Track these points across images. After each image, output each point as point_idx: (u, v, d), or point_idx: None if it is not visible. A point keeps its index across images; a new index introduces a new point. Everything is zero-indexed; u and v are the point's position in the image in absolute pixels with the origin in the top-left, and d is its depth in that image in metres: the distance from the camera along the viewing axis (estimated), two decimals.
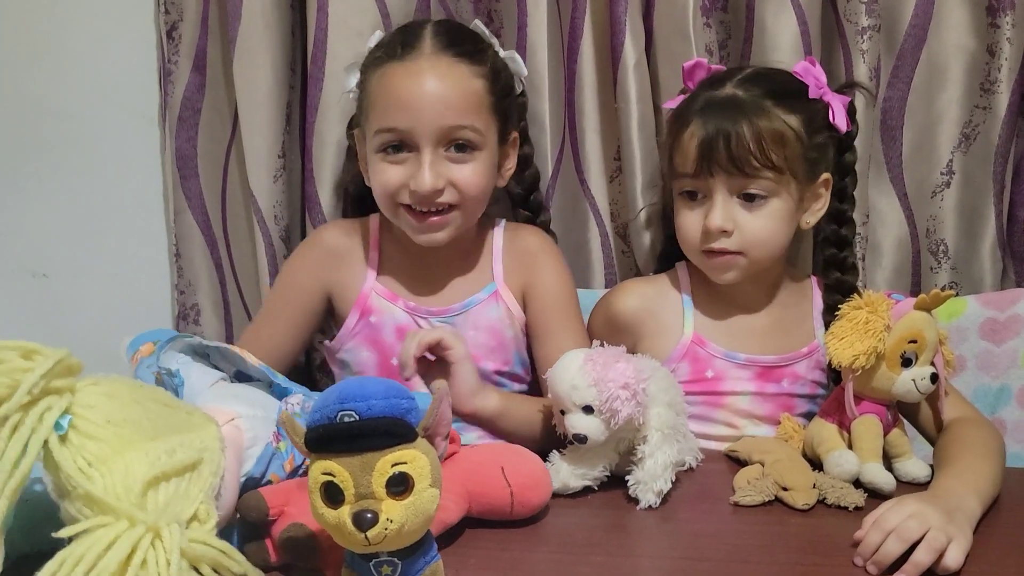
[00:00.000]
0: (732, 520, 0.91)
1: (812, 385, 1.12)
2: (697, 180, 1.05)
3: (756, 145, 1.00)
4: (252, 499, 0.75)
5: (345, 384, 0.64)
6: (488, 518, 0.88)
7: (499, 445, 1.03)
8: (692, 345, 1.10)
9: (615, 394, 0.88)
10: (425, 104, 1.03)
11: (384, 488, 0.62)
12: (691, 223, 1.07)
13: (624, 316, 1.12)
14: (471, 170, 1.07)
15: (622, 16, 1.21)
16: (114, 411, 0.64)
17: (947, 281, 1.30)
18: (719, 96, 1.06)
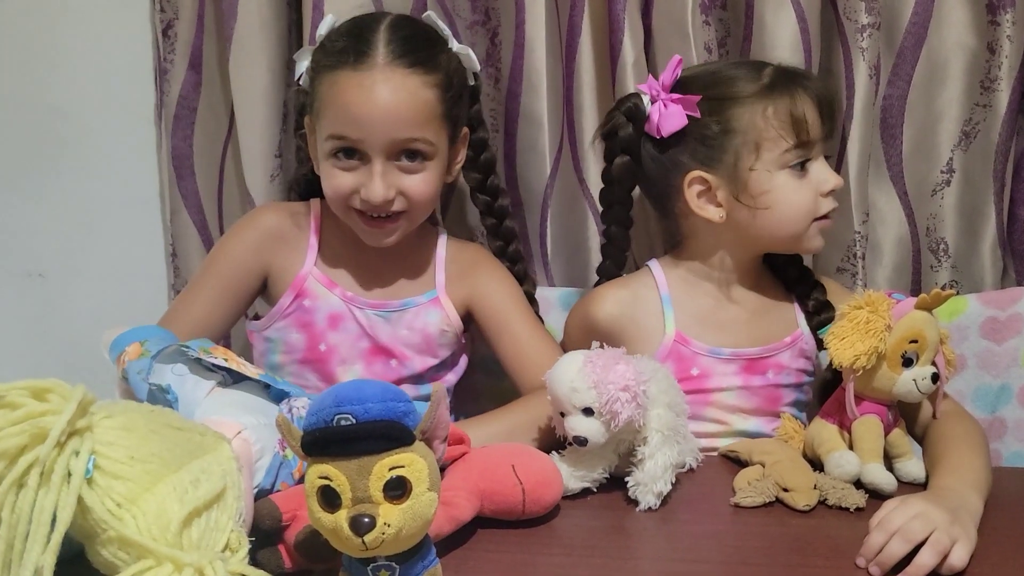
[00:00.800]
0: (732, 521, 0.90)
1: (797, 374, 1.12)
2: (807, 149, 1.04)
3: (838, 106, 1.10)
4: (265, 506, 0.75)
5: (341, 387, 0.63)
6: (500, 517, 0.87)
7: (510, 444, 1.01)
8: (675, 344, 1.09)
9: (615, 396, 0.88)
10: (376, 118, 1.03)
11: (382, 492, 0.62)
12: (808, 192, 1.06)
13: (602, 324, 1.10)
14: (421, 179, 1.07)
15: (620, 14, 1.20)
16: (135, 446, 0.63)
17: (947, 280, 1.30)
18: (786, 68, 1.08)
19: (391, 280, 1.16)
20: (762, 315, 1.12)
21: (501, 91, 1.30)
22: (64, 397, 0.60)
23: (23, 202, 1.44)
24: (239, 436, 0.76)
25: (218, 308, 1.13)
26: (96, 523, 0.60)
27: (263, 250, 1.14)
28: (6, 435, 0.58)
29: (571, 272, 1.34)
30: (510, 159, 1.31)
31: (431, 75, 1.06)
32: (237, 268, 1.14)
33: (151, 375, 0.84)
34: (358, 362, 1.14)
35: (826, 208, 1.06)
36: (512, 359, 1.14)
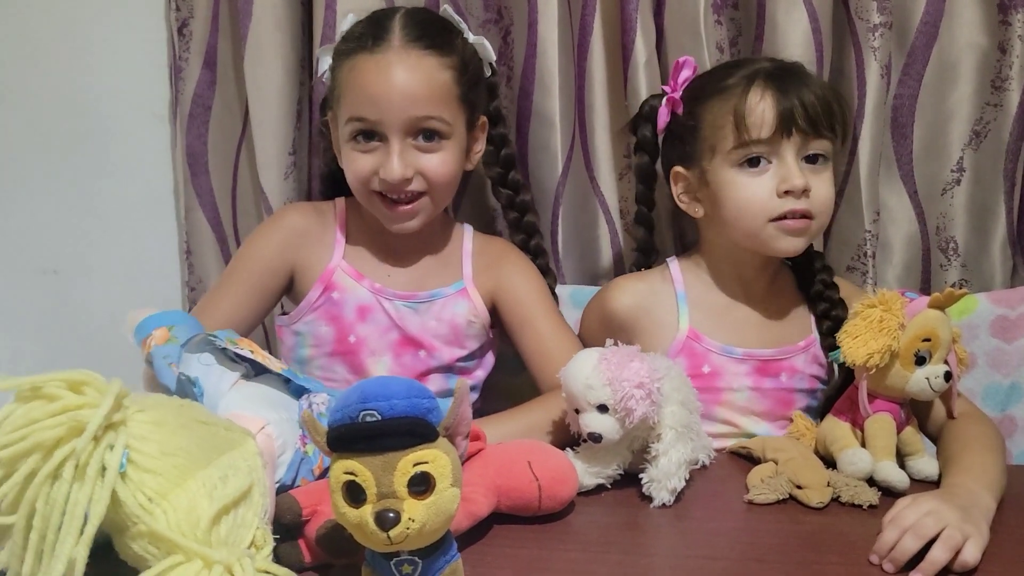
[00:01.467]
0: (746, 518, 0.91)
1: (811, 379, 1.12)
2: (770, 145, 1.02)
3: (826, 108, 1.02)
4: (285, 501, 0.76)
5: (367, 384, 0.64)
6: (516, 513, 0.88)
7: (525, 441, 1.02)
8: (688, 340, 1.09)
9: (630, 393, 0.89)
10: (394, 96, 1.05)
11: (406, 488, 0.63)
12: (759, 191, 1.03)
13: (619, 314, 1.12)
14: (439, 159, 1.09)
15: (633, 14, 1.21)
16: (166, 440, 0.63)
17: (957, 278, 1.30)
18: (776, 66, 1.06)
19: (419, 271, 1.17)
20: (777, 317, 1.12)
21: (513, 90, 1.30)
22: (100, 390, 0.61)
23: (37, 199, 1.45)
24: (263, 431, 0.77)
25: (244, 306, 1.14)
26: (127, 517, 0.61)
27: (288, 248, 1.15)
28: (43, 427, 0.59)
29: (582, 269, 1.35)
30: (522, 158, 1.31)
31: (446, 57, 1.08)
32: (263, 267, 1.15)
33: (180, 364, 0.85)
34: (387, 353, 1.15)
35: (783, 208, 1.03)
36: (533, 354, 1.15)
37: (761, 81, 1.03)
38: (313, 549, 0.77)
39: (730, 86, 1.05)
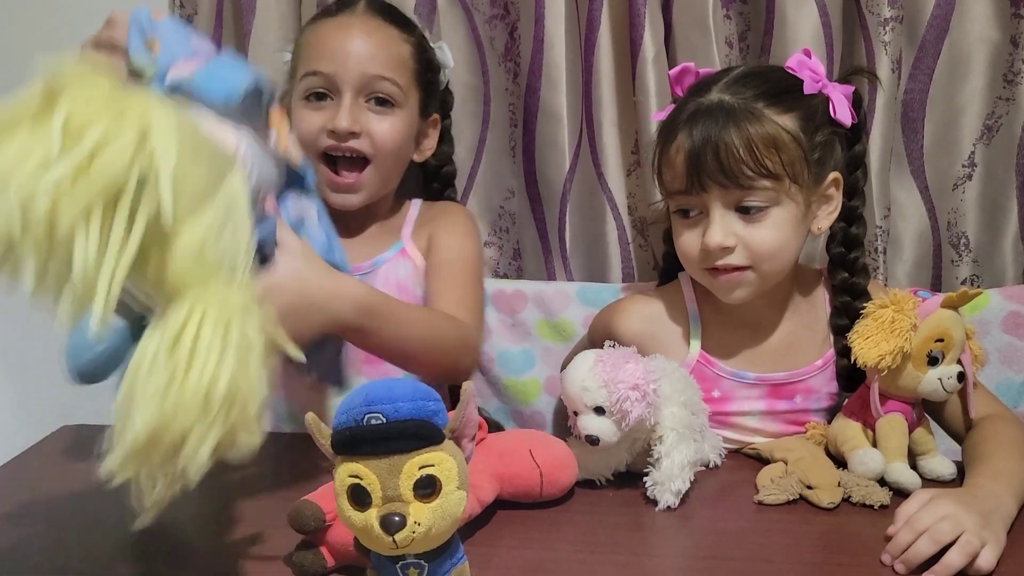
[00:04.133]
0: (756, 519, 0.90)
1: (829, 397, 1.07)
2: (690, 197, 0.98)
3: (748, 153, 0.93)
4: (307, 508, 0.75)
5: (371, 386, 0.63)
6: (519, 499, 0.90)
7: (525, 431, 1.10)
8: (698, 364, 1.06)
9: (625, 395, 0.88)
10: (351, 52, 1.09)
11: (411, 491, 0.62)
12: (690, 242, 1.00)
13: (626, 339, 1.04)
14: (389, 124, 1.11)
15: (641, 9, 1.20)
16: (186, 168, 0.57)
17: (969, 274, 1.29)
18: (705, 103, 0.97)
19: (362, 242, 1.18)
20: (794, 337, 1.07)
21: (520, 86, 1.29)
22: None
23: None
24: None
25: None
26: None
27: None
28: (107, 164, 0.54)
29: (590, 266, 1.33)
30: (529, 154, 1.30)
31: (406, 33, 1.13)
32: None
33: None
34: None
35: (709, 262, 0.99)
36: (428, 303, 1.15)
37: (685, 123, 0.97)
38: (335, 553, 0.77)
39: (668, 125, 1.01)
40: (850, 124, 1.01)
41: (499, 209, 1.37)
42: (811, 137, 0.97)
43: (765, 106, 0.96)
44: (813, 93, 1.00)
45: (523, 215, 1.35)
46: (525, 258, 1.37)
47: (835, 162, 1.02)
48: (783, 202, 0.97)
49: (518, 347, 1.30)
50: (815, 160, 0.98)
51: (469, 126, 1.34)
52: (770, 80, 1.00)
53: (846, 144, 1.04)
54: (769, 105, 0.97)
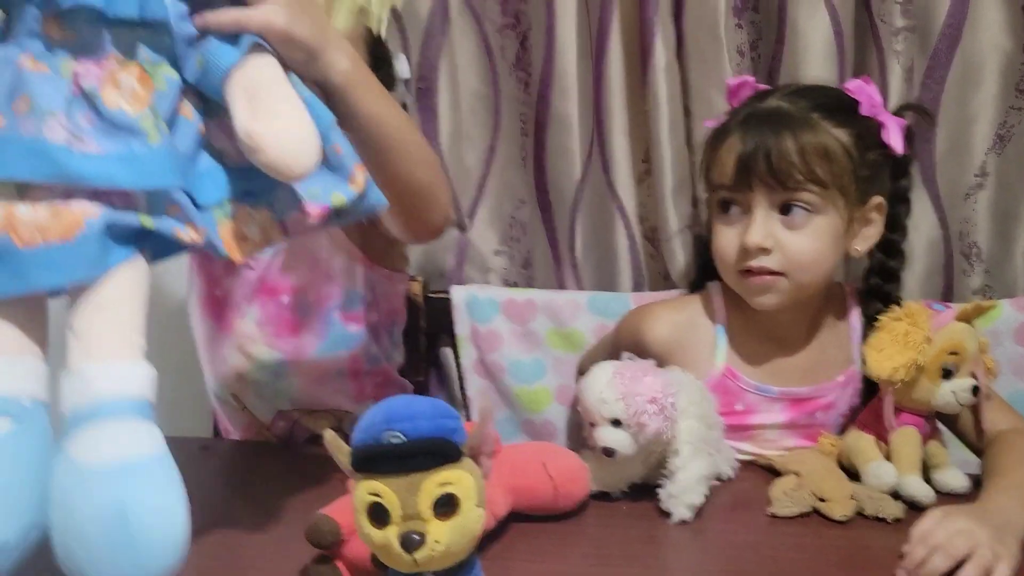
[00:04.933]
0: (769, 532, 0.90)
1: (847, 412, 1.08)
2: (735, 192, 1.00)
3: (799, 158, 0.96)
4: (324, 523, 0.75)
5: (391, 404, 0.63)
6: (533, 512, 0.90)
7: (539, 444, 1.11)
8: (723, 378, 1.07)
9: (642, 408, 0.88)
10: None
11: (431, 509, 0.62)
12: (727, 240, 1.02)
13: (654, 346, 1.07)
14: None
15: (652, 18, 1.20)
16: None
17: (980, 285, 1.29)
18: (762, 108, 1.01)
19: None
20: (819, 353, 1.08)
21: (531, 95, 1.29)
22: None
23: None
24: None
25: None
26: None
27: None
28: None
29: (600, 275, 1.34)
30: (539, 162, 1.31)
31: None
32: None
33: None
34: (252, 305, 1.10)
35: (744, 263, 1.00)
36: None
37: (739, 124, 1.00)
38: (352, 568, 0.77)
39: (721, 128, 1.04)
40: (900, 152, 1.03)
41: (510, 218, 1.37)
42: (862, 154, 1.00)
43: (821, 117, 0.99)
44: (868, 115, 1.02)
45: (534, 224, 1.35)
46: (536, 267, 1.37)
47: (881, 187, 1.04)
48: (826, 212, 0.99)
49: (529, 356, 1.30)
50: (863, 177, 1.00)
51: (479, 135, 1.35)
52: (828, 95, 1.04)
53: (892, 174, 1.07)
54: (825, 117, 0.99)
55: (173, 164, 0.64)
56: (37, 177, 0.61)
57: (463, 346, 1.31)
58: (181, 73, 0.67)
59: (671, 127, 1.23)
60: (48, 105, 0.62)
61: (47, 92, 0.62)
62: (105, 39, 0.65)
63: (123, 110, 0.63)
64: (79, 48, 0.64)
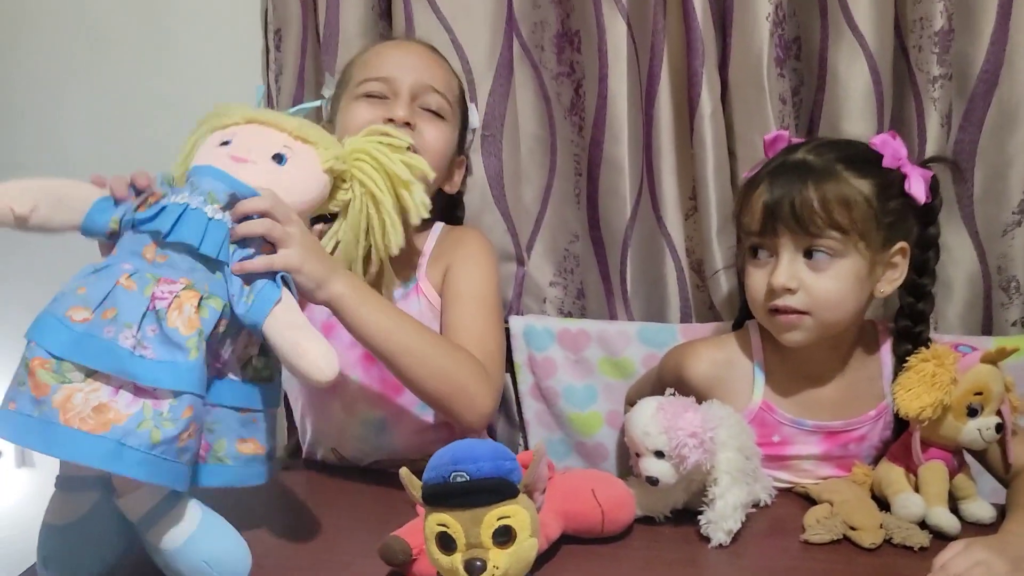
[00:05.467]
0: (802, 557, 0.97)
1: (879, 444, 1.14)
2: (763, 238, 1.07)
3: (821, 206, 1.03)
4: (396, 543, 0.85)
5: (456, 447, 0.73)
6: (582, 535, 0.99)
7: (589, 471, 1.16)
8: (760, 411, 1.13)
9: (684, 442, 0.95)
10: (408, 61, 1.19)
11: (491, 539, 0.71)
12: (757, 281, 1.09)
13: (694, 382, 1.14)
14: (438, 131, 1.17)
15: (699, 68, 1.27)
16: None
17: (1018, 316, 1.34)
18: (790, 160, 1.09)
19: (376, 276, 1.09)
20: (851, 389, 1.14)
21: (585, 138, 1.38)
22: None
23: None
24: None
25: None
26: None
27: None
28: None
29: (649, 308, 1.41)
30: (592, 201, 1.39)
31: (450, 67, 1.24)
32: None
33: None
34: (356, 369, 1.17)
35: (772, 303, 1.07)
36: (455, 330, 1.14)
37: (767, 175, 1.08)
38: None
39: (753, 178, 1.12)
40: (923, 203, 1.09)
41: (564, 251, 1.46)
42: (884, 203, 1.06)
43: (844, 168, 1.06)
44: (891, 167, 1.09)
45: (586, 258, 1.43)
46: (588, 298, 1.45)
47: (905, 233, 1.10)
48: (848, 255, 1.05)
49: (582, 383, 1.39)
50: (886, 224, 1.06)
51: (537, 174, 1.44)
52: (853, 148, 1.11)
53: (921, 222, 1.12)
54: (848, 168, 1.06)
55: (201, 376, 0.84)
56: (104, 369, 0.81)
57: (521, 372, 1.40)
58: (232, 304, 0.87)
59: (716, 169, 1.31)
60: (128, 319, 0.82)
61: (130, 308, 0.82)
62: (184, 266, 0.86)
63: (178, 330, 0.82)
64: (164, 269, 0.86)
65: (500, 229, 1.41)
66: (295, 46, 1.42)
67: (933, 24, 1.22)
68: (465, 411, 1.06)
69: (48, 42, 1.51)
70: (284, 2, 1.40)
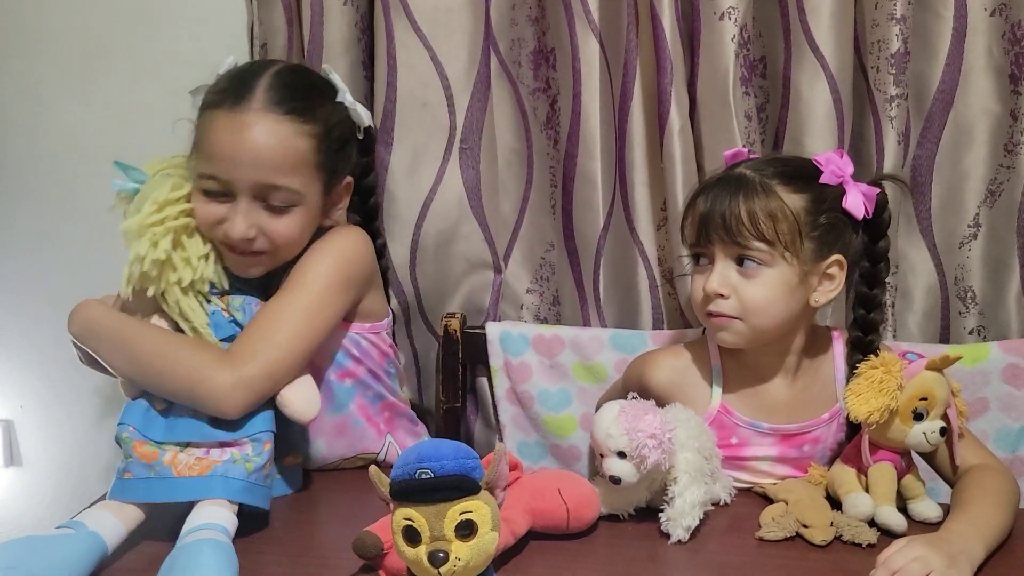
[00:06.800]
0: (757, 554, 1.03)
1: (833, 446, 1.18)
2: (698, 247, 1.15)
3: (748, 217, 1.08)
4: (369, 538, 0.90)
5: (422, 446, 0.78)
6: (548, 531, 1.04)
7: (555, 471, 1.24)
8: (719, 414, 1.18)
9: (643, 443, 1.01)
10: (243, 160, 1.08)
11: (454, 532, 0.76)
12: (696, 287, 1.15)
13: (656, 389, 1.19)
14: (285, 224, 1.12)
15: (668, 86, 1.32)
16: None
17: (975, 325, 1.39)
18: (730, 174, 1.14)
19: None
20: (805, 392, 1.19)
21: (560, 151, 1.43)
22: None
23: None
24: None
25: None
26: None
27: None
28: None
29: (622, 315, 1.46)
30: (567, 212, 1.44)
31: (307, 124, 1.11)
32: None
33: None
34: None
35: (706, 307, 1.13)
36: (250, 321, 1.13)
37: (705, 188, 1.16)
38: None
39: (696, 190, 1.19)
40: (861, 217, 1.13)
41: (540, 260, 1.51)
42: (814, 217, 1.11)
43: (778, 183, 1.11)
44: (829, 183, 1.12)
45: (561, 266, 1.48)
46: (564, 305, 1.50)
47: (842, 246, 1.13)
48: (776, 265, 1.10)
49: (556, 387, 1.44)
50: (814, 237, 1.11)
51: (514, 186, 1.49)
52: (792, 164, 1.15)
53: (870, 237, 1.16)
54: (782, 183, 1.11)
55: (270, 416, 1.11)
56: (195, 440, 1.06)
57: (497, 377, 1.45)
58: None
59: (685, 183, 1.35)
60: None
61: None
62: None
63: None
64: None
65: (478, 238, 1.46)
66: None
67: (890, 47, 1.28)
68: (199, 405, 1.06)
69: (39, 52, 1.55)
70: (270, 16, 1.44)
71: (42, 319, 1.56)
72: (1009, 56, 1.30)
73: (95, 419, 1.62)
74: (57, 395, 1.63)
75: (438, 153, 1.43)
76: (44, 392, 1.64)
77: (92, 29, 1.53)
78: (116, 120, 1.53)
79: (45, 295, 1.58)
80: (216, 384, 1.04)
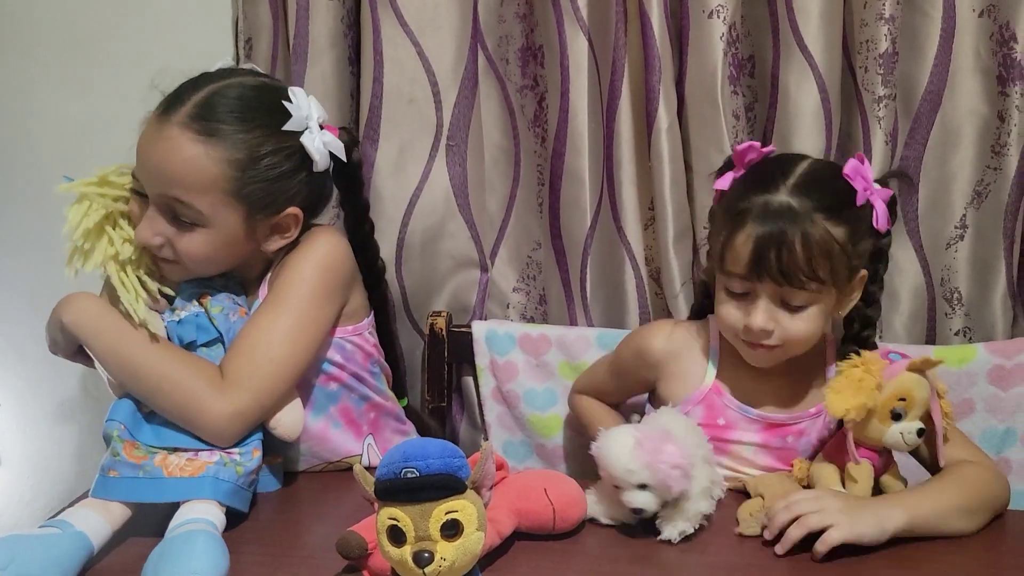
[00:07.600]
0: (742, 551, 1.02)
1: (817, 441, 1.18)
2: (745, 282, 1.09)
3: (805, 260, 1.04)
4: (353, 538, 0.89)
5: (408, 445, 0.77)
6: (535, 531, 1.03)
7: (542, 471, 1.21)
8: (710, 393, 1.19)
9: (668, 474, 0.99)
10: (150, 168, 1.08)
11: (439, 531, 0.75)
12: (733, 315, 1.11)
13: (652, 354, 1.21)
14: (189, 240, 1.09)
15: (656, 85, 1.32)
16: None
17: (961, 326, 1.40)
18: (774, 203, 1.07)
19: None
20: (796, 385, 1.19)
21: (547, 150, 1.42)
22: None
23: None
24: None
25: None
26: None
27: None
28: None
29: (609, 314, 1.46)
30: (554, 211, 1.43)
31: (221, 151, 1.07)
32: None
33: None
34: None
35: (747, 337, 1.11)
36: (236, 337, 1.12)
37: (756, 219, 1.06)
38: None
39: (738, 211, 1.09)
40: (885, 230, 1.13)
41: (527, 259, 1.50)
42: (856, 246, 1.10)
43: (824, 218, 1.07)
44: (862, 204, 1.10)
45: (548, 265, 1.48)
46: (550, 304, 1.50)
47: (866, 261, 1.13)
48: (821, 301, 1.09)
49: (542, 386, 1.43)
50: (854, 265, 1.11)
51: (501, 184, 1.48)
52: (830, 191, 1.09)
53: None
54: (828, 217, 1.07)
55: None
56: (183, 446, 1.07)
57: (482, 376, 1.45)
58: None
59: (673, 182, 1.35)
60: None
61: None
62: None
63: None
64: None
65: (464, 236, 1.45)
66: (265, 55, 1.45)
67: (878, 47, 1.28)
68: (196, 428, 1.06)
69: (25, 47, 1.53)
70: (255, 11, 1.43)
71: (20, 318, 1.54)
72: (997, 57, 1.30)
73: (73, 417, 1.60)
74: (35, 394, 1.61)
75: (425, 150, 1.42)
76: (22, 390, 1.62)
77: (77, 24, 1.51)
78: (99, 117, 1.51)
79: (22, 294, 1.56)
80: (211, 417, 1.06)
